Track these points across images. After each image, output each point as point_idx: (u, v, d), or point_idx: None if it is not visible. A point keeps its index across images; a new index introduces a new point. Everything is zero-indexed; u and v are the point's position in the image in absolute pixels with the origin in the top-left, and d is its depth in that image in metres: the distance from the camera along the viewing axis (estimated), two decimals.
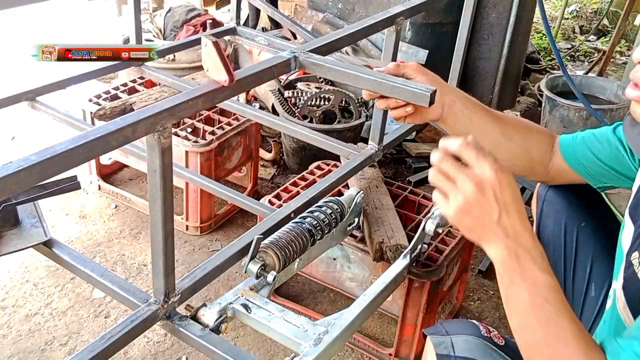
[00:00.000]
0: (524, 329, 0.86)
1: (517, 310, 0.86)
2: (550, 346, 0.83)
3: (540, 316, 0.84)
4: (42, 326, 1.73)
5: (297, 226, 1.32)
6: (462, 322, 1.09)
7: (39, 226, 1.34)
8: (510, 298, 0.87)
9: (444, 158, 0.88)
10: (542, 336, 0.84)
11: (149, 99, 2.04)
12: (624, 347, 0.79)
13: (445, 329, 1.05)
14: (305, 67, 1.19)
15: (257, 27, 3.29)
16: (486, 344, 1.01)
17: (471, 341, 1.01)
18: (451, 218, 0.89)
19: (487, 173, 0.85)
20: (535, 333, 0.84)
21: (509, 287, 0.86)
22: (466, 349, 1.00)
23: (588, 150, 1.21)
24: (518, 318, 0.87)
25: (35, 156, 0.80)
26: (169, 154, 0.97)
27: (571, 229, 1.32)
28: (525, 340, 0.87)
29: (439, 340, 1.03)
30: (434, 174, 0.89)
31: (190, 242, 2.13)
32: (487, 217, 0.86)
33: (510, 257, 0.86)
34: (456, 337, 1.02)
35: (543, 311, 0.84)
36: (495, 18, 2.77)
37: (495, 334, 1.04)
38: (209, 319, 1.14)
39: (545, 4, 4.15)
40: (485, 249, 0.89)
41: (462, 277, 1.85)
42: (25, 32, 3.72)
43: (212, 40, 0.98)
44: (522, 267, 0.85)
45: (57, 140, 0.84)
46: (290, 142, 2.45)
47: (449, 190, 0.87)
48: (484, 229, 0.87)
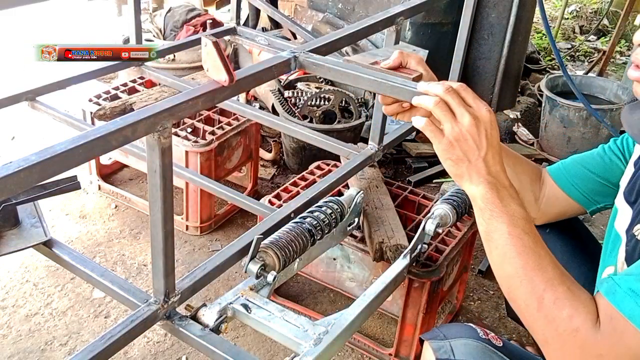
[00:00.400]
0: (503, 259, 0.88)
1: (497, 242, 0.89)
2: (528, 274, 0.85)
3: (519, 245, 0.87)
4: (42, 326, 1.73)
5: (297, 226, 1.32)
6: (460, 326, 1.09)
7: (39, 226, 1.34)
8: (490, 231, 0.90)
9: (449, 91, 0.92)
10: (521, 265, 0.86)
11: (149, 99, 2.04)
12: (619, 284, 0.80)
13: (443, 333, 1.06)
14: (305, 67, 1.19)
15: (257, 27, 3.29)
16: (485, 346, 1.01)
17: (470, 344, 1.02)
18: (443, 147, 0.92)
19: (484, 112, 0.91)
20: (514, 262, 0.87)
21: (490, 220, 0.89)
22: (466, 352, 1.01)
23: (581, 167, 1.21)
24: (498, 250, 0.89)
25: (35, 156, 0.80)
26: (169, 154, 0.97)
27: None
28: (504, 271, 0.89)
29: (438, 345, 1.04)
30: (436, 103, 0.92)
31: (190, 242, 2.13)
32: (474, 152, 0.90)
33: (491, 192, 0.90)
34: (455, 341, 1.03)
35: (521, 241, 0.87)
36: (495, 18, 2.77)
37: (493, 336, 1.05)
38: (209, 319, 1.14)
39: (545, 4, 4.15)
40: (466, 185, 0.92)
41: (462, 277, 1.85)
42: (25, 32, 3.72)
43: (212, 40, 0.98)
44: (501, 200, 0.89)
45: (57, 140, 0.84)
46: (290, 142, 2.45)
47: (448, 119, 0.90)
48: (470, 164, 0.91)
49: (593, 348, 0.79)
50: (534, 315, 0.84)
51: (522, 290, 0.86)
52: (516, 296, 0.87)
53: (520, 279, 0.86)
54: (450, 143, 0.91)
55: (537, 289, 0.84)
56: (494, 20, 2.77)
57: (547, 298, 0.83)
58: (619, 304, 0.78)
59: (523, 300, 0.86)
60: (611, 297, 0.79)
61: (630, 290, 0.78)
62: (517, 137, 3.06)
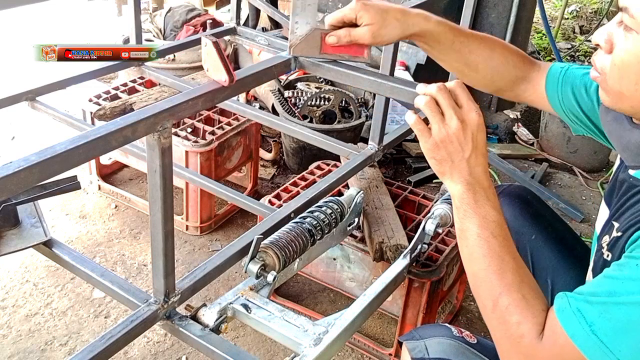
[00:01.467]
0: (470, 258, 0.92)
1: (467, 241, 0.91)
2: (489, 276, 0.88)
3: (485, 247, 0.89)
4: (42, 326, 1.73)
5: (297, 226, 1.32)
6: (434, 326, 1.12)
7: (39, 226, 1.34)
8: (463, 229, 0.92)
9: (442, 90, 0.92)
10: (484, 266, 0.89)
11: (149, 99, 2.04)
12: (570, 303, 0.81)
13: (418, 333, 1.09)
14: (305, 67, 1.19)
15: (257, 27, 3.28)
16: (459, 344, 1.04)
17: (444, 342, 1.05)
18: (428, 146, 0.93)
19: (472, 115, 0.92)
20: (478, 263, 0.90)
21: (463, 219, 0.92)
22: (440, 350, 1.03)
23: (571, 92, 1.14)
24: (467, 249, 0.92)
25: (35, 156, 0.80)
26: (169, 154, 0.97)
27: (523, 245, 1.32)
28: (471, 269, 0.92)
29: (413, 345, 1.07)
30: (427, 102, 0.92)
31: (190, 242, 2.13)
32: (458, 154, 0.92)
33: (468, 192, 0.92)
34: (429, 340, 1.06)
35: (488, 243, 0.89)
36: (495, 18, 2.76)
37: (467, 334, 1.07)
38: (209, 319, 1.14)
39: (545, 4, 4.15)
40: (447, 183, 0.95)
41: (462, 277, 1.85)
42: (25, 32, 3.72)
43: (212, 40, 0.98)
44: (476, 201, 0.91)
45: (57, 140, 0.84)
46: (290, 142, 2.45)
47: (436, 121, 0.92)
48: (452, 165, 0.92)
49: (535, 356, 0.83)
50: (489, 315, 0.88)
51: (482, 289, 0.89)
52: (477, 294, 0.91)
53: (482, 279, 0.89)
54: (436, 144, 0.92)
55: (494, 292, 0.87)
56: (494, 20, 2.77)
57: (501, 302, 0.86)
58: (565, 321, 0.80)
59: (482, 299, 0.89)
60: (559, 313, 0.81)
61: (577, 310, 0.79)
62: (517, 137, 3.06)
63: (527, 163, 2.87)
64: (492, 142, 2.91)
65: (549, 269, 1.32)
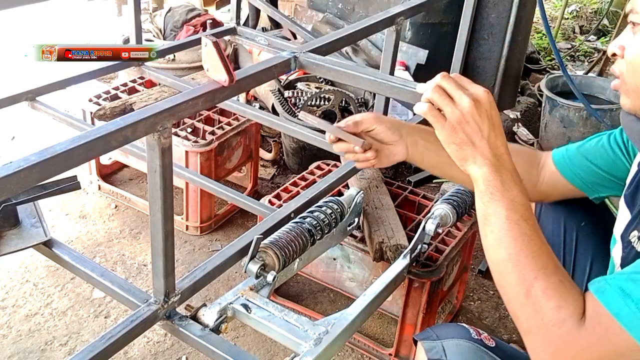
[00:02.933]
0: (498, 244, 0.88)
1: (494, 226, 0.88)
2: (522, 260, 0.85)
3: (515, 231, 0.86)
4: (42, 326, 1.73)
5: (297, 226, 1.32)
6: (452, 326, 1.09)
7: (39, 226, 1.34)
8: (488, 214, 0.89)
9: (445, 77, 0.92)
10: (515, 251, 0.86)
11: (149, 99, 2.04)
12: (610, 283, 0.80)
13: (435, 333, 1.06)
14: (305, 67, 1.19)
15: (257, 27, 3.29)
16: (477, 347, 1.01)
17: (462, 344, 1.02)
18: (446, 132, 0.91)
19: (481, 93, 0.90)
20: (508, 247, 0.86)
21: (489, 202, 0.89)
22: (458, 352, 1.01)
23: (585, 159, 1.20)
24: (493, 234, 0.88)
25: (35, 156, 0.80)
26: (169, 154, 0.97)
27: (570, 228, 1.31)
28: (498, 256, 0.88)
29: (430, 346, 1.04)
30: (433, 90, 0.91)
31: (190, 242, 2.13)
32: (477, 134, 0.90)
33: (494, 174, 0.89)
34: (447, 342, 1.03)
35: (519, 227, 0.86)
36: (495, 18, 2.76)
37: (486, 336, 1.05)
38: (209, 319, 1.14)
39: (545, 4, 4.15)
40: (470, 167, 0.91)
41: (462, 277, 1.85)
42: (25, 32, 3.72)
43: (212, 40, 0.98)
44: (503, 184, 0.89)
45: (57, 140, 0.84)
46: (290, 142, 2.45)
47: (447, 104, 0.90)
48: (474, 147, 0.90)
49: (576, 342, 0.80)
50: (521, 302, 0.84)
51: (512, 276, 0.86)
52: (506, 282, 0.87)
53: (512, 265, 0.86)
54: (453, 127, 0.90)
55: (528, 277, 0.84)
56: (494, 20, 2.77)
57: (536, 286, 0.83)
58: (607, 301, 0.78)
59: (512, 286, 0.86)
60: (600, 294, 0.79)
61: (619, 289, 0.78)
62: (517, 137, 3.06)
63: None
64: None
65: (591, 259, 1.30)
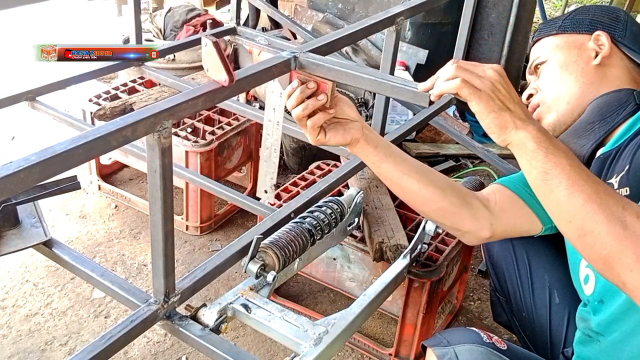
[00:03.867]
0: (571, 192, 0.85)
1: (560, 177, 0.86)
2: (602, 198, 0.83)
3: (584, 174, 0.86)
4: (42, 326, 1.74)
5: (297, 226, 1.32)
6: (463, 331, 1.08)
7: (39, 226, 1.34)
8: (548, 169, 0.87)
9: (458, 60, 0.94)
10: (593, 191, 0.84)
11: (149, 99, 2.04)
12: None
13: (446, 339, 1.05)
14: (305, 67, 1.19)
15: (257, 27, 3.28)
16: (490, 351, 1.00)
17: (475, 349, 1.01)
18: (484, 102, 0.91)
19: (496, 66, 0.94)
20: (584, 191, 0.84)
21: (545, 157, 0.88)
22: (471, 358, 1.00)
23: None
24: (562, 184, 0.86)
25: (35, 156, 0.80)
26: (169, 154, 0.97)
27: (518, 241, 1.32)
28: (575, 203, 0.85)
29: (442, 352, 1.02)
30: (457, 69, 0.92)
31: (190, 242, 2.13)
32: (509, 99, 0.92)
33: (540, 131, 0.90)
34: (459, 347, 1.02)
35: (583, 170, 0.87)
36: (495, 18, 2.77)
37: (497, 339, 1.04)
38: (209, 319, 1.14)
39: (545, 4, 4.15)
40: (512, 133, 0.91)
41: (462, 277, 1.85)
42: (25, 32, 3.72)
43: (212, 40, 0.98)
44: (549, 137, 0.90)
45: (57, 140, 0.84)
46: (290, 142, 2.45)
47: (475, 77, 0.91)
48: (511, 113, 0.91)
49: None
50: (620, 236, 0.80)
51: (600, 215, 0.82)
52: (595, 224, 0.83)
53: (596, 204, 0.83)
54: (489, 95, 0.90)
55: (616, 209, 0.82)
56: (494, 20, 2.78)
57: (629, 215, 0.81)
58: None
59: (604, 225, 0.82)
60: None
61: None
62: None
63: None
64: (492, 142, 2.91)
65: (547, 266, 1.32)
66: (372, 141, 1.16)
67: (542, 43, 1.26)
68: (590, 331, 1.10)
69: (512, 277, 1.37)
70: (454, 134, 2.22)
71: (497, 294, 1.46)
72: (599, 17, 1.22)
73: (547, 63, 1.23)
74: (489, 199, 1.21)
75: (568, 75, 1.18)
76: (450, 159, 2.71)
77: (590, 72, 1.17)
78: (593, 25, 1.21)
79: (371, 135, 1.16)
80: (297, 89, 1.10)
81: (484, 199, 1.21)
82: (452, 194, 1.18)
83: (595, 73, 1.17)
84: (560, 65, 1.20)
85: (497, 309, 1.48)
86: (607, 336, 1.05)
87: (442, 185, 1.18)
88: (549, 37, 1.25)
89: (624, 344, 1.01)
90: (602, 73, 1.17)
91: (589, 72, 1.17)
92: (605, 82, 1.16)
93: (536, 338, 1.33)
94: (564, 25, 1.24)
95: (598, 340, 1.08)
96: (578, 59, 1.19)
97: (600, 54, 1.17)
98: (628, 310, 0.99)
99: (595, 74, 1.17)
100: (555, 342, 1.29)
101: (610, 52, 1.17)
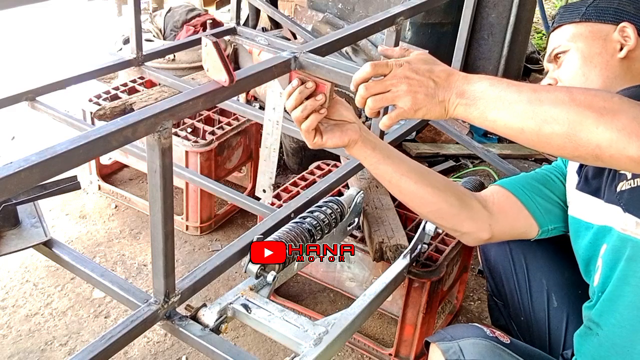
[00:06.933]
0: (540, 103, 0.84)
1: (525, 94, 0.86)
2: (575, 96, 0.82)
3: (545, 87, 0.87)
4: (42, 326, 1.74)
5: (297, 226, 1.32)
6: (466, 326, 1.09)
7: (39, 226, 1.34)
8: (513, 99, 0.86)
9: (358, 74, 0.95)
10: (565, 91, 0.84)
11: (149, 99, 2.04)
12: None
13: (450, 334, 1.05)
14: (305, 67, 1.19)
15: (257, 27, 3.29)
16: (494, 344, 1.01)
17: (479, 343, 1.01)
18: (412, 104, 0.91)
19: (400, 61, 0.94)
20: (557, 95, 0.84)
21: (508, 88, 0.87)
22: (475, 351, 1.01)
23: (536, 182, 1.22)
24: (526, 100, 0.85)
25: (35, 156, 0.80)
26: (169, 154, 0.97)
27: (515, 245, 1.32)
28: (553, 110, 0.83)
29: (446, 346, 1.03)
30: (362, 88, 0.94)
31: (190, 242, 2.13)
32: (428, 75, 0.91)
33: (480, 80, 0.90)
34: (463, 341, 1.02)
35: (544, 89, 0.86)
36: (495, 18, 2.77)
37: (500, 334, 1.05)
38: (209, 319, 1.14)
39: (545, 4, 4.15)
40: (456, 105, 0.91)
41: (462, 277, 1.85)
42: (25, 32, 3.72)
43: (212, 40, 0.98)
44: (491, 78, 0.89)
45: (57, 140, 0.84)
46: (290, 142, 2.45)
47: (381, 83, 0.92)
48: (437, 85, 0.91)
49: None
50: (569, 106, 0.82)
51: (545, 105, 0.83)
52: (542, 113, 0.84)
53: (537, 101, 0.84)
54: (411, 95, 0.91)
55: (552, 94, 0.84)
56: (494, 20, 2.78)
57: (563, 91, 0.83)
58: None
59: (552, 107, 0.83)
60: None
61: None
62: None
63: (527, 163, 2.87)
64: (492, 142, 2.91)
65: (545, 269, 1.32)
66: (369, 143, 1.15)
67: (563, 30, 1.19)
68: (591, 322, 1.10)
69: (509, 281, 1.37)
70: (454, 134, 2.22)
71: (494, 298, 1.45)
72: (624, 7, 1.16)
73: (569, 53, 1.16)
74: (488, 200, 1.21)
75: (592, 67, 1.13)
76: (450, 159, 2.71)
77: (614, 65, 1.13)
78: (619, 15, 1.15)
79: (369, 137, 1.16)
80: (296, 88, 1.09)
81: (482, 199, 1.21)
82: (450, 195, 1.17)
83: (620, 66, 1.13)
84: (583, 57, 1.14)
85: (495, 313, 1.47)
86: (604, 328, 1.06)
87: (441, 186, 1.18)
88: (570, 25, 1.18)
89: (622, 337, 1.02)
90: (627, 67, 1.13)
91: (614, 65, 1.13)
92: (629, 76, 1.12)
93: (535, 342, 1.33)
94: (588, 13, 1.17)
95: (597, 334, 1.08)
96: (603, 50, 1.13)
97: (626, 47, 1.12)
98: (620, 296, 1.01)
99: (619, 67, 1.13)
100: (554, 345, 1.29)
101: (635, 45, 1.12)
